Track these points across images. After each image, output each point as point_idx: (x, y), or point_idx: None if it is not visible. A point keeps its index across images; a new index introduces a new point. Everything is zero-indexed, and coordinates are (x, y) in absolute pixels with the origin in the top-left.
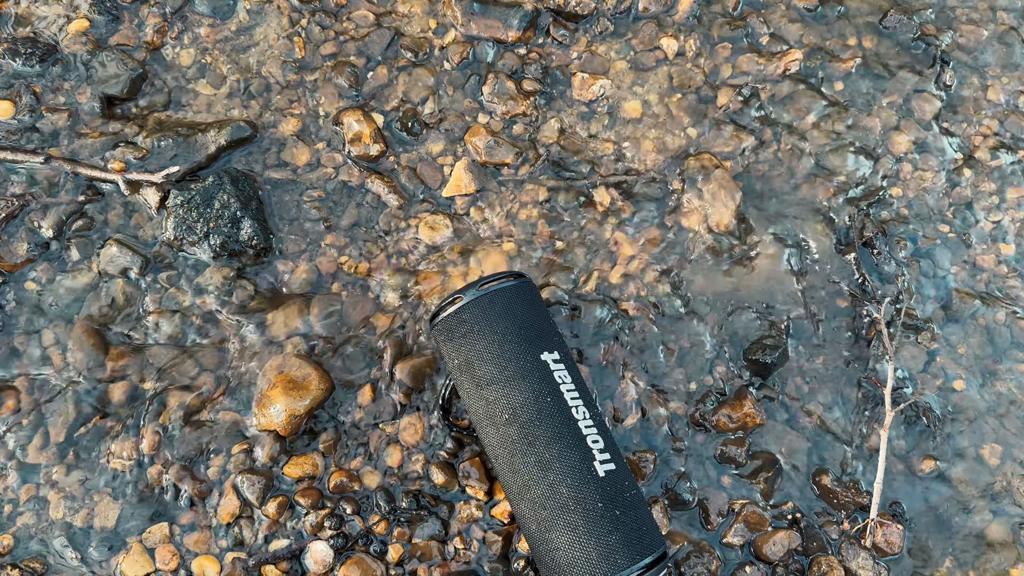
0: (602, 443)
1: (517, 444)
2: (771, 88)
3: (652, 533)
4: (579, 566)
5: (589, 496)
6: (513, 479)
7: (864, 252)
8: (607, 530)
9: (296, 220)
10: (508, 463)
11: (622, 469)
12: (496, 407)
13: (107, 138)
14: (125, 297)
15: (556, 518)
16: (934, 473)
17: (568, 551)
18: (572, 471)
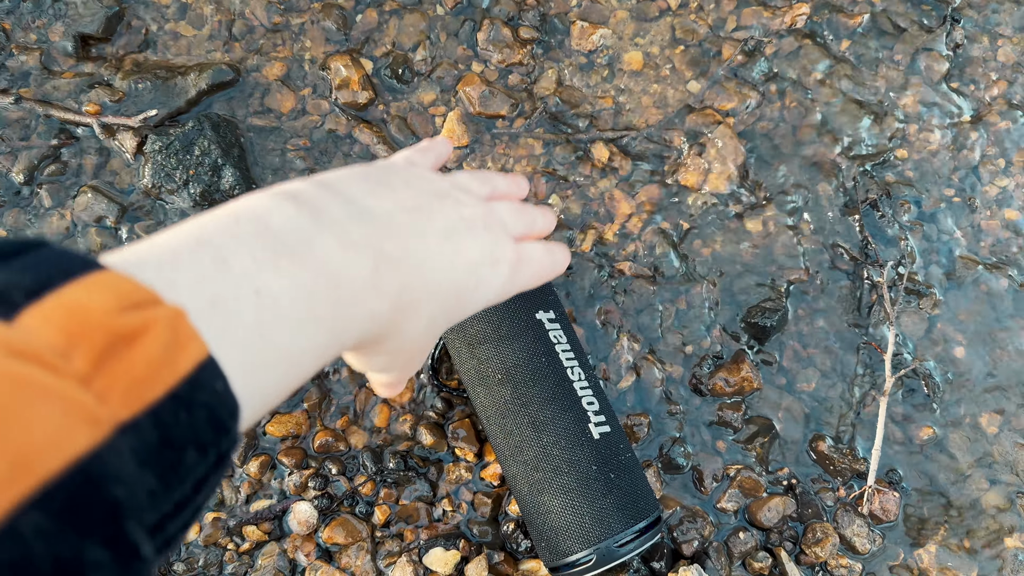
0: (597, 405)
1: (510, 405)
2: (776, 43)
3: (646, 497)
4: (572, 529)
5: (583, 459)
6: (505, 441)
7: (868, 214)
8: (601, 493)
9: (280, 170)
10: (500, 424)
11: (617, 432)
12: (489, 367)
13: (81, 79)
14: (100, 247)
15: (549, 480)
16: (932, 441)
17: (560, 514)
18: (566, 433)
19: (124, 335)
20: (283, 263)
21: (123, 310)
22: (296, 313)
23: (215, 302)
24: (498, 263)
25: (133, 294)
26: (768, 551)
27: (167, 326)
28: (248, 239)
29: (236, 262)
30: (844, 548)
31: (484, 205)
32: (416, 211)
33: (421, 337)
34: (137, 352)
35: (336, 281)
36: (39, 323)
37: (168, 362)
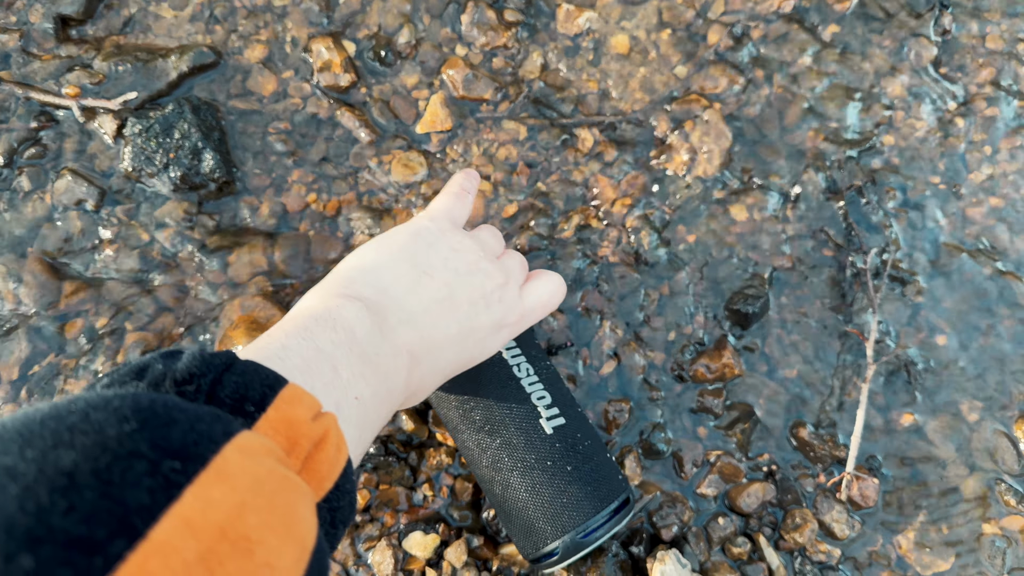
0: (548, 398)
1: (460, 412)
2: (764, 27)
3: (610, 482)
4: (539, 524)
5: (538, 457)
6: (465, 446)
7: (853, 201)
8: (560, 488)
9: (261, 153)
10: (456, 432)
11: (573, 421)
12: None
13: (61, 61)
14: (81, 230)
15: (507, 482)
16: (913, 428)
17: (526, 512)
18: (519, 432)
19: (316, 441)
20: (367, 373)
21: (313, 420)
22: (374, 413)
23: (338, 407)
24: (502, 329)
25: (315, 406)
26: (747, 536)
27: (335, 432)
28: (346, 349)
29: (344, 372)
30: (823, 534)
31: (504, 272)
32: (446, 301)
33: (421, 397)
34: (323, 453)
35: (389, 385)
36: (272, 434)
37: (336, 461)
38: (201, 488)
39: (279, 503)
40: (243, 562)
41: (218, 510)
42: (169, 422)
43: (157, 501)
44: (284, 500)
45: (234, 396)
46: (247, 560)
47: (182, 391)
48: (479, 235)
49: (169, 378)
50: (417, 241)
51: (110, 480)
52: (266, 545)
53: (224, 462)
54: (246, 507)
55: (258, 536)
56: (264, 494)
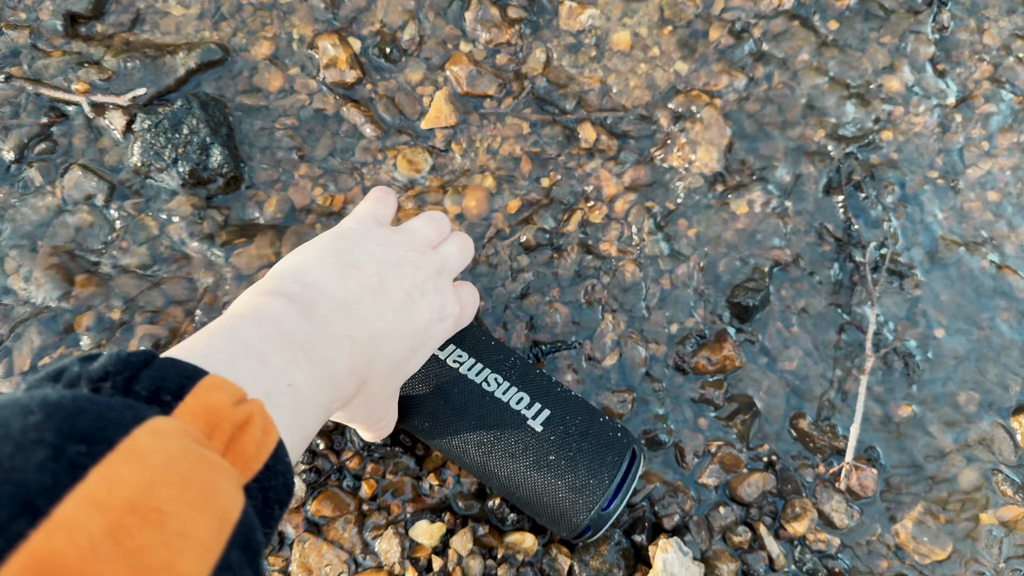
0: (526, 397)
1: (453, 444)
2: (764, 24)
3: (612, 447)
4: (564, 512)
5: (540, 454)
6: (474, 471)
7: (852, 196)
8: (569, 475)
9: (268, 149)
10: (460, 463)
11: (557, 407)
12: (415, 422)
13: (71, 58)
14: (91, 225)
15: (523, 484)
16: (911, 419)
17: (549, 506)
18: (516, 443)
19: (239, 424)
20: (301, 359)
21: (234, 405)
22: (313, 399)
23: (268, 394)
24: (445, 319)
25: (236, 393)
26: (748, 525)
27: (260, 415)
28: (274, 341)
29: (273, 361)
30: (823, 523)
31: (435, 263)
32: (378, 290)
33: (380, 393)
34: (247, 436)
35: (329, 370)
36: (191, 419)
37: (263, 443)
38: (108, 468)
39: (195, 479)
40: (154, 532)
41: (126, 486)
42: (76, 412)
43: (60, 482)
44: (201, 476)
45: (150, 389)
46: (159, 531)
47: (97, 388)
48: (411, 226)
49: (84, 378)
50: (342, 240)
51: (12, 467)
52: (180, 517)
53: (134, 443)
54: (157, 483)
55: (171, 509)
56: (177, 471)
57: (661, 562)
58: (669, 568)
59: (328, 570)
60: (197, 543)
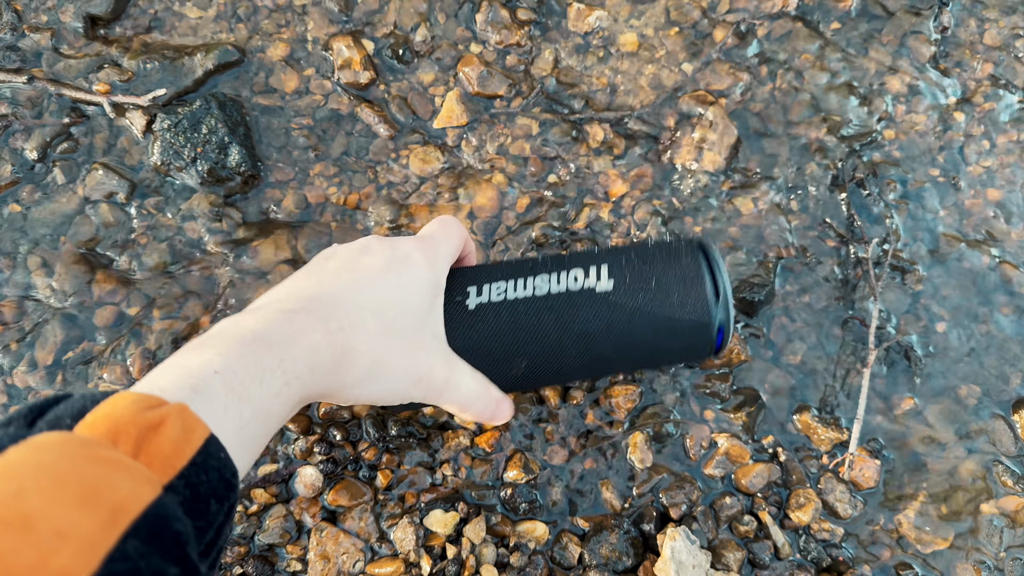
0: (578, 271)
1: (554, 360)
2: (768, 25)
3: (682, 254)
4: (694, 334)
5: (629, 307)
6: (587, 371)
7: (855, 193)
8: (667, 301)
9: (284, 148)
10: (569, 373)
11: (609, 259)
12: (510, 369)
13: (91, 59)
14: (112, 222)
15: (636, 346)
16: (913, 411)
17: (675, 341)
18: (600, 314)
19: (149, 426)
20: (230, 348)
21: (143, 410)
22: (255, 378)
23: (195, 390)
24: (408, 256)
25: (147, 400)
26: (753, 515)
27: (178, 415)
28: (198, 343)
29: (194, 359)
30: (827, 513)
31: (382, 238)
32: (318, 262)
33: (394, 358)
34: (162, 436)
35: (272, 346)
36: (89, 430)
37: (185, 440)
38: None
39: (74, 479)
40: (19, 536)
41: None
42: None
43: None
44: (83, 477)
45: (51, 419)
46: (25, 534)
47: (6, 426)
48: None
49: (2, 424)
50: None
51: None
52: (52, 518)
53: (3, 458)
54: (25, 490)
55: (42, 512)
56: (51, 475)
57: (669, 550)
58: (677, 556)
59: (345, 558)
60: (76, 539)
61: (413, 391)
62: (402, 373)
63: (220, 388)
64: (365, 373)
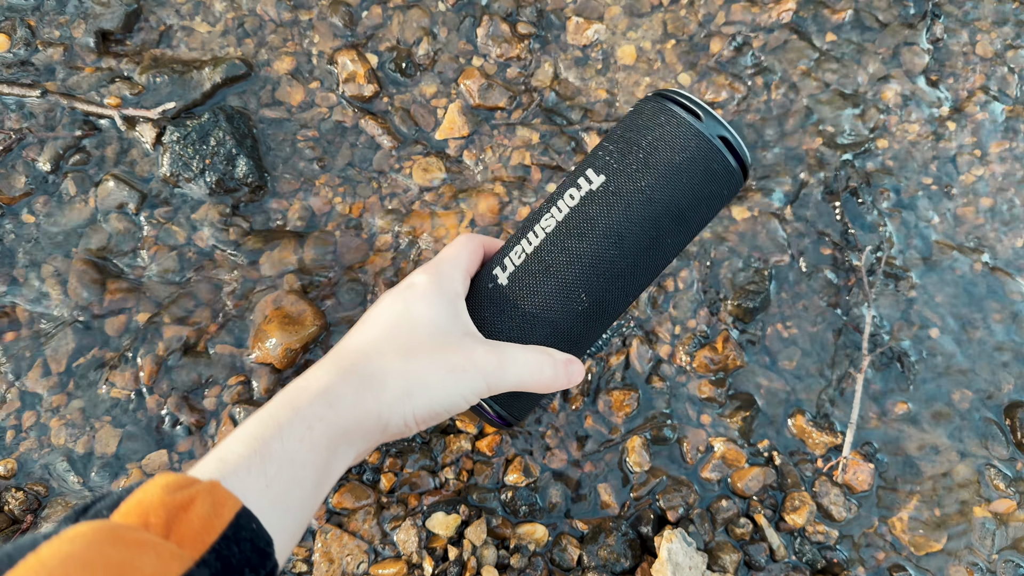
0: (572, 189)
1: (601, 276)
2: (764, 37)
3: (644, 110)
4: (714, 179)
5: (641, 187)
6: (646, 274)
7: (849, 202)
8: (672, 161)
9: (290, 159)
10: (626, 287)
11: (596, 161)
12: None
13: (103, 73)
14: (122, 232)
15: (667, 216)
16: (906, 416)
17: (697, 192)
18: (621, 210)
19: (179, 506)
20: (274, 411)
21: (172, 492)
22: (279, 434)
23: (223, 460)
24: (412, 284)
25: (178, 481)
26: (749, 518)
27: (208, 493)
28: (247, 420)
29: (235, 438)
30: (821, 516)
31: None
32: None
33: (424, 365)
34: (191, 514)
35: (309, 405)
36: (123, 517)
37: (215, 515)
38: None
39: (101, 564)
40: None
41: None
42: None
43: None
44: (110, 560)
45: (92, 513)
46: None
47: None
48: None
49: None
50: None
51: None
52: None
53: (36, 555)
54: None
55: None
56: (80, 563)
57: (666, 552)
58: (674, 558)
59: (349, 559)
60: None
61: (467, 386)
62: (441, 376)
63: (243, 451)
64: (400, 391)
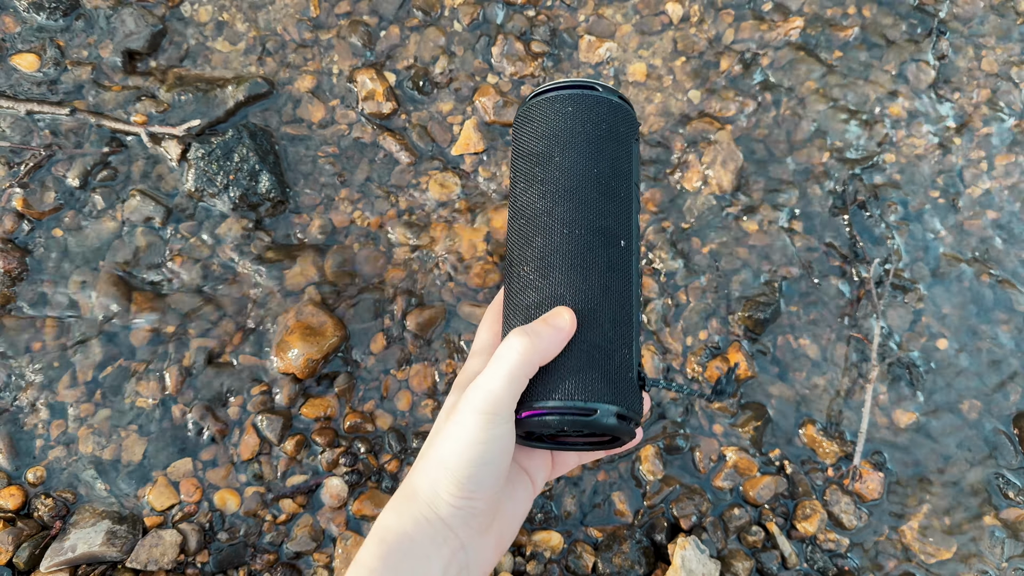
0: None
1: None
2: (772, 54)
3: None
4: None
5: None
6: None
7: (857, 215)
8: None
9: (311, 175)
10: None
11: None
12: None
13: (129, 92)
14: (148, 245)
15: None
16: (915, 425)
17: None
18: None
19: None
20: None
21: None
22: None
23: None
24: (456, 387)
25: None
26: (761, 526)
27: None
28: None
29: None
30: (832, 524)
31: None
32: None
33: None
34: None
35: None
36: None
37: None
38: None
39: None
40: None
41: None
42: None
43: None
44: None
45: None
46: None
47: None
48: None
49: None
50: None
51: None
52: None
53: None
54: None
55: None
56: None
57: (680, 559)
58: (687, 564)
59: None
60: None
61: (479, 403)
62: (443, 416)
63: None
64: (424, 450)
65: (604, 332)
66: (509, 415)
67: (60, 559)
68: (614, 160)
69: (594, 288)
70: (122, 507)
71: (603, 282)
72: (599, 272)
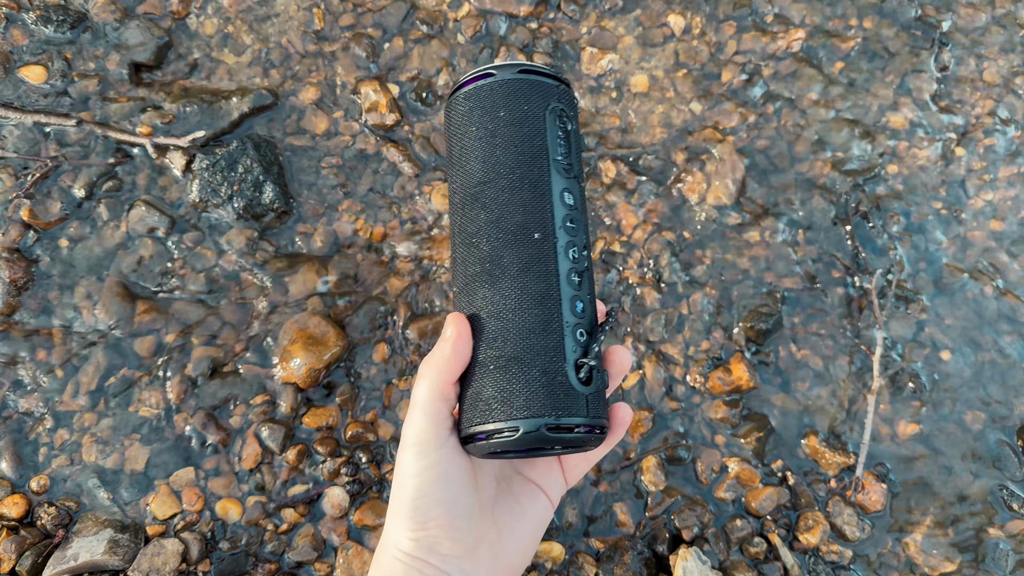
0: None
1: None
2: (774, 66)
3: None
4: None
5: None
6: None
7: (859, 226)
8: None
9: (315, 185)
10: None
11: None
12: None
13: (135, 103)
14: (152, 255)
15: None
16: (918, 436)
17: None
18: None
19: None
20: None
21: None
22: None
23: None
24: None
25: None
26: (763, 537)
27: None
28: None
29: None
30: (835, 536)
31: None
32: None
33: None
34: None
35: None
36: None
37: None
38: None
39: None
40: None
41: None
42: None
43: None
44: None
45: None
46: None
47: None
48: None
49: None
50: None
51: None
52: None
53: None
54: None
55: None
56: None
57: (681, 570)
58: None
59: None
60: None
61: (426, 424)
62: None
63: None
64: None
65: (521, 342)
66: (438, 443)
67: (62, 568)
68: (518, 145)
69: (507, 298)
70: (124, 516)
71: (516, 288)
72: (510, 279)
